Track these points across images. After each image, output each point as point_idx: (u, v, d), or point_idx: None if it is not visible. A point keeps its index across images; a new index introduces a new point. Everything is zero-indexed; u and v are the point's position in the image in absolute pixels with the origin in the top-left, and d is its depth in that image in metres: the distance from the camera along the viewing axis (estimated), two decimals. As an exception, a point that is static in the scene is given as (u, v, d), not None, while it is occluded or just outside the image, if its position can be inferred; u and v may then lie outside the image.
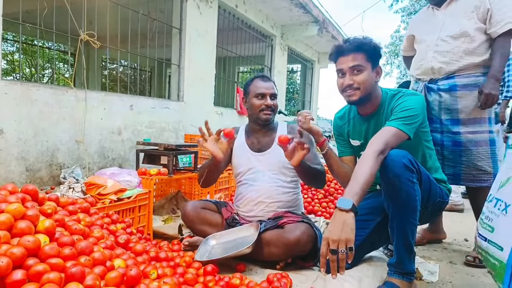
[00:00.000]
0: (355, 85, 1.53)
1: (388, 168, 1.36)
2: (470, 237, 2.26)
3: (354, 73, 1.52)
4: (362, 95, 1.54)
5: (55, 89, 3.15)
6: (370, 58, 1.53)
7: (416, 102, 1.51)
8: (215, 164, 1.76)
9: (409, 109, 1.48)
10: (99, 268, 1.07)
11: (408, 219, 1.38)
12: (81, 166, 3.29)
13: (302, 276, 1.58)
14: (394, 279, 1.44)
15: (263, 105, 1.83)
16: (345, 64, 1.53)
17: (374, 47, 1.53)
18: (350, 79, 1.53)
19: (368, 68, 1.53)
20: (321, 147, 1.67)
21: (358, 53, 1.51)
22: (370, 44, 1.52)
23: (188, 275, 1.38)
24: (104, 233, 1.41)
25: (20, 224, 1.05)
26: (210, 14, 4.98)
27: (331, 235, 1.18)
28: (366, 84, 1.53)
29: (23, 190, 1.29)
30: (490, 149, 1.87)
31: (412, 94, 1.56)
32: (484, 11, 1.83)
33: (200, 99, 4.93)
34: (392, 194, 1.37)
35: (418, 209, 1.39)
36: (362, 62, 1.51)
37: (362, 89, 1.53)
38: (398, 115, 1.47)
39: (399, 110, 1.49)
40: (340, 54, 1.56)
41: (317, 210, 2.68)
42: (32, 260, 0.98)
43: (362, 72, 1.52)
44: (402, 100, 1.54)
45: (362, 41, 1.52)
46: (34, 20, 3.20)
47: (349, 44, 1.53)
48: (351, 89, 1.54)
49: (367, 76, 1.52)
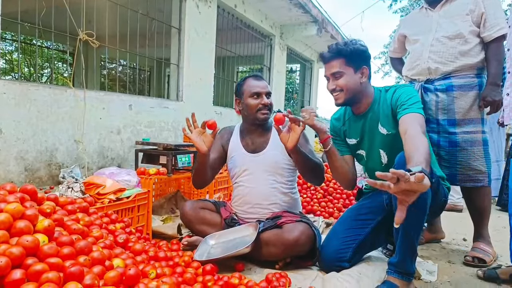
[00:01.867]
0: (338, 88, 1.62)
1: (402, 167, 1.35)
2: (468, 236, 2.26)
3: (336, 77, 1.62)
4: (346, 97, 1.63)
5: (54, 89, 3.15)
6: (350, 62, 1.60)
7: (413, 90, 1.61)
8: (201, 157, 1.74)
9: (413, 96, 1.56)
10: (98, 267, 1.07)
11: (416, 221, 1.37)
12: (80, 165, 3.29)
13: (301, 276, 1.58)
14: (393, 278, 1.44)
15: (260, 105, 1.81)
16: (328, 71, 1.65)
17: (353, 51, 1.59)
18: (332, 84, 1.63)
19: (348, 71, 1.60)
20: (324, 144, 1.68)
21: (337, 60, 1.60)
22: (348, 49, 1.59)
23: (187, 274, 1.38)
24: (103, 233, 1.40)
25: (19, 224, 1.05)
26: (209, 14, 4.98)
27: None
28: (348, 87, 1.61)
29: (22, 190, 1.29)
30: (483, 148, 1.89)
31: (406, 86, 1.64)
32: (478, 14, 1.86)
33: (199, 99, 4.93)
34: None
35: (427, 212, 1.38)
36: (341, 67, 1.60)
37: (345, 91, 1.61)
38: (409, 102, 1.53)
39: (406, 99, 1.55)
40: (323, 61, 1.67)
41: (316, 209, 2.69)
42: (31, 259, 0.98)
43: (342, 76, 1.60)
44: (401, 91, 1.60)
45: (340, 47, 1.60)
46: (32, 19, 3.19)
47: (328, 52, 1.63)
48: (335, 92, 1.64)
49: (348, 79, 1.60)
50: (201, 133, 1.70)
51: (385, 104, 1.63)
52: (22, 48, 9.90)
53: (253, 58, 6.51)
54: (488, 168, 1.90)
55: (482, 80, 1.91)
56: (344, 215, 1.81)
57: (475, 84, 1.89)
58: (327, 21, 7.07)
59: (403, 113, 1.52)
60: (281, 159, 1.84)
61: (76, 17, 3.30)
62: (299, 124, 1.56)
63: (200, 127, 1.69)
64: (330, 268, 1.61)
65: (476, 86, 1.89)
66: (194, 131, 1.70)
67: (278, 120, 1.58)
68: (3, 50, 10.94)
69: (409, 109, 1.51)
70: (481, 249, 1.88)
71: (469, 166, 1.89)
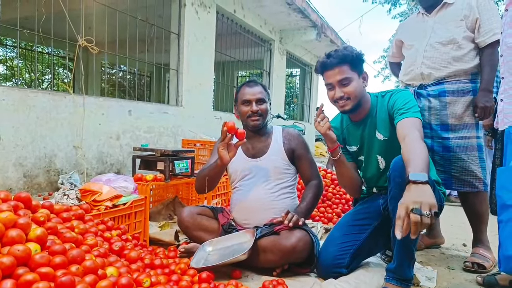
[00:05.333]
0: (346, 96, 1.58)
1: (398, 172, 1.35)
2: (468, 242, 2.24)
3: (343, 85, 1.57)
4: (354, 103, 1.59)
5: (53, 95, 3.15)
6: (355, 67, 1.58)
7: (410, 94, 1.60)
8: (219, 167, 1.72)
9: (409, 100, 1.55)
10: (90, 276, 1.06)
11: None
12: (79, 171, 3.28)
13: (299, 283, 1.57)
14: (391, 285, 1.43)
15: (249, 112, 1.82)
16: (333, 78, 1.58)
17: (356, 56, 1.57)
18: (340, 92, 1.58)
19: (354, 77, 1.58)
20: (333, 153, 1.62)
21: (343, 66, 1.56)
22: (352, 54, 1.56)
23: (183, 282, 1.37)
24: (98, 241, 1.39)
25: (11, 233, 1.04)
26: (208, 19, 5.00)
27: (410, 199, 1.12)
28: (356, 93, 1.58)
29: (16, 198, 1.28)
30: (478, 154, 1.88)
31: (402, 90, 1.63)
32: (473, 20, 1.85)
33: (199, 104, 4.93)
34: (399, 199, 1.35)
35: None
36: (348, 73, 1.56)
37: (352, 98, 1.58)
38: (406, 107, 1.52)
39: (402, 104, 1.54)
40: (325, 68, 1.60)
41: (314, 215, 2.67)
42: (22, 269, 0.97)
43: (351, 83, 1.57)
44: (397, 96, 1.60)
45: (344, 53, 1.56)
46: (32, 26, 3.21)
47: (332, 59, 1.57)
48: (342, 100, 1.59)
49: (356, 85, 1.58)
50: (227, 142, 1.66)
51: (382, 110, 1.63)
52: (23, 54, 9.95)
53: (252, 63, 6.52)
54: (484, 173, 1.88)
55: (477, 86, 1.90)
56: (341, 221, 1.80)
57: (469, 89, 1.89)
58: (326, 26, 7.09)
59: (400, 118, 1.51)
60: (282, 164, 1.84)
61: (75, 23, 3.32)
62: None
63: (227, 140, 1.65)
64: (328, 274, 1.60)
65: (470, 91, 1.89)
66: (223, 142, 1.65)
67: (231, 129, 1.59)
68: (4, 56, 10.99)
69: (406, 114, 1.50)
70: (480, 255, 1.86)
71: (464, 171, 1.88)
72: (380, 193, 1.71)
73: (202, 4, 4.85)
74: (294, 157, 1.87)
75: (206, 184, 1.81)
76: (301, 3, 5.80)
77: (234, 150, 1.68)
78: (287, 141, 1.87)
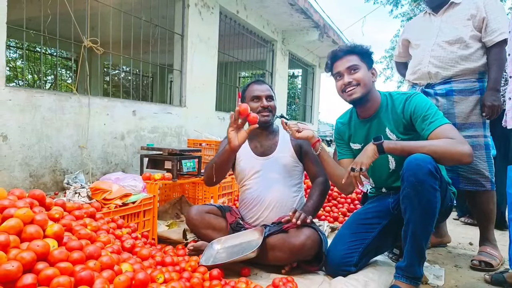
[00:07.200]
0: (354, 82, 1.58)
1: (412, 172, 1.35)
2: (475, 240, 2.25)
3: (351, 72, 1.59)
4: (364, 91, 1.59)
5: (58, 95, 3.17)
6: (364, 59, 1.61)
7: (426, 98, 1.59)
8: (228, 153, 1.69)
9: (430, 105, 1.53)
10: (108, 272, 1.08)
11: (425, 226, 1.37)
12: (84, 171, 3.29)
13: (308, 281, 1.58)
14: (401, 282, 1.44)
15: (259, 107, 1.84)
16: (341, 67, 1.60)
17: (365, 49, 1.61)
18: (348, 78, 1.59)
19: (363, 67, 1.60)
20: (313, 148, 1.72)
21: (352, 55, 1.60)
22: (362, 46, 1.61)
23: (194, 279, 1.38)
24: (111, 238, 1.41)
25: (29, 229, 1.06)
26: (211, 20, 5.01)
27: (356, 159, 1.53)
28: (365, 81, 1.58)
29: (31, 195, 1.30)
30: (485, 153, 1.89)
31: (417, 94, 1.60)
32: (480, 19, 1.86)
33: (202, 104, 4.94)
34: (413, 199, 1.36)
35: (436, 217, 1.38)
36: (357, 62, 1.59)
37: (362, 85, 1.58)
38: (431, 114, 1.50)
39: (425, 110, 1.51)
40: (334, 59, 1.63)
41: (320, 214, 2.68)
42: (42, 264, 0.98)
43: (359, 70, 1.58)
44: (415, 101, 1.56)
45: (353, 44, 1.62)
46: (37, 26, 3.22)
47: (341, 49, 1.62)
48: (351, 86, 1.59)
49: (364, 74, 1.59)
50: (238, 127, 1.64)
51: (394, 110, 1.61)
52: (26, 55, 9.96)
53: (255, 63, 6.53)
54: (491, 172, 1.89)
55: (484, 85, 1.91)
56: (349, 220, 1.81)
57: (476, 88, 1.90)
58: (328, 26, 7.10)
59: (431, 128, 1.47)
60: (290, 162, 1.86)
61: (80, 24, 3.33)
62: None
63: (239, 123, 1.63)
64: (337, 272, 1.61)
65: (478, 90, 1.90)
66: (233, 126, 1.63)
67: (243, 111, 1.58)
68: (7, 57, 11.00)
69: (439, 121, 1.47)
70: (487, 253, 1.87)
71: (471, 170, 1.89)
72: (389, 192, 1.72)
73: (206, 5, 4.87)
74: (301, 153, 1.88)
75: (213, 173, 1.78)
76: (303, 4, 5.82)
77: (244, 135, 1.64)
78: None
